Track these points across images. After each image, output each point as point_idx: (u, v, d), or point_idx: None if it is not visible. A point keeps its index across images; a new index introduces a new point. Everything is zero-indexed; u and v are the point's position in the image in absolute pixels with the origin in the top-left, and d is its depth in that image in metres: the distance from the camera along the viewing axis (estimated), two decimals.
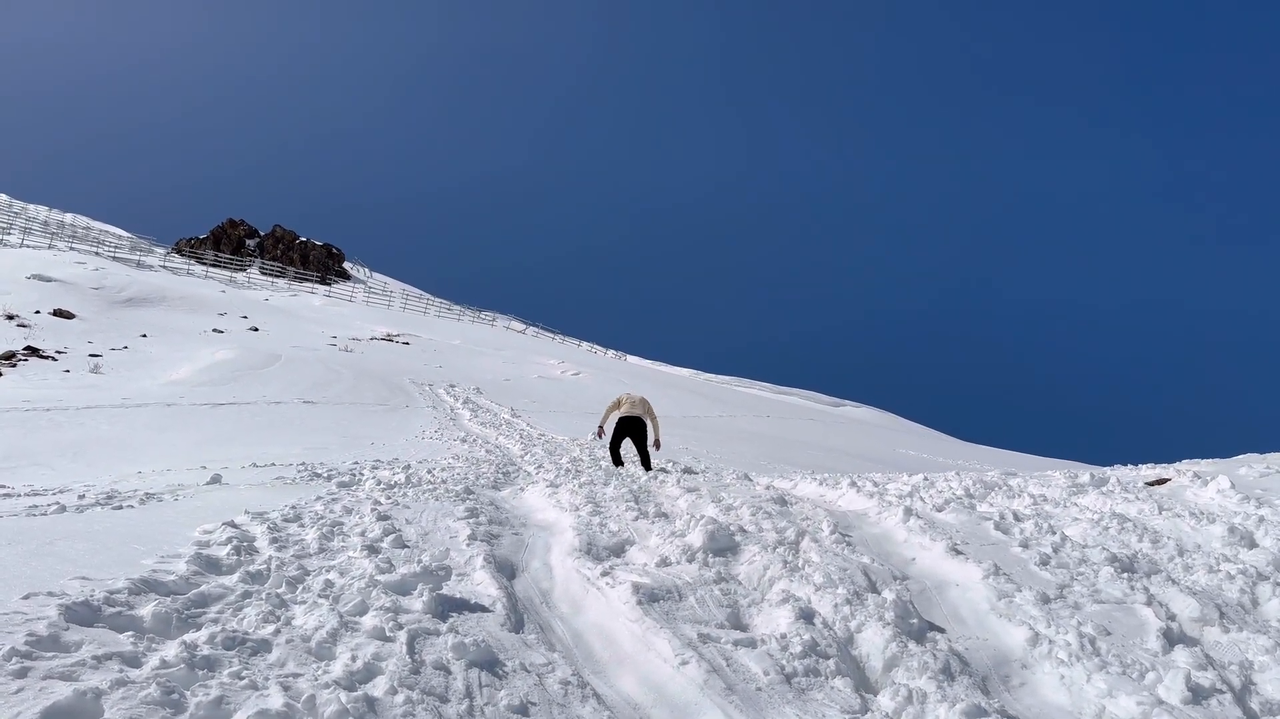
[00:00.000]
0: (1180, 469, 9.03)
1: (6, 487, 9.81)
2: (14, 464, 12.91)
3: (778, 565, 5.83)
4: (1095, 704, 4.30)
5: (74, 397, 20.93)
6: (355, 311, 54.06)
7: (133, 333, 33.12)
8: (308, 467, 11.62)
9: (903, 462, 23.65)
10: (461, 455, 14.62)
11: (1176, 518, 7.10)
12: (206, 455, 13.85)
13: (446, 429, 19.86)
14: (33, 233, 58.24)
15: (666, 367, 55.56)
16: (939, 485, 8.84)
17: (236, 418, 19.59)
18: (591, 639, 4.92)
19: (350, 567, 5.26)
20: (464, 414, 23.35)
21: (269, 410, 21.25)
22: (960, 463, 24.15)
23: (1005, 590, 5.47)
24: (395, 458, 13.57)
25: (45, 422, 17.18)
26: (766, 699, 4.15)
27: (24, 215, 68.52)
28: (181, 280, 52.52)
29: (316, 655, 3.72)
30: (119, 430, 16.79)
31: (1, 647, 3.09)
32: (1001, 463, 24.61)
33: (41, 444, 14.89)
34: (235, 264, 69.57)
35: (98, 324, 33.66)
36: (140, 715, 2.82)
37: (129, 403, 20.44)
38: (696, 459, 16.45)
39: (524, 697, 3.79)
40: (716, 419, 28.64)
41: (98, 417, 18.24)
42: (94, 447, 15.00)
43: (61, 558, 4.61)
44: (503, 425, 21.22)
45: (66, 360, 26.75)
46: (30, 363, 25.83)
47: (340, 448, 15.38)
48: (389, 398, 25.36)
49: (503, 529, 7.00)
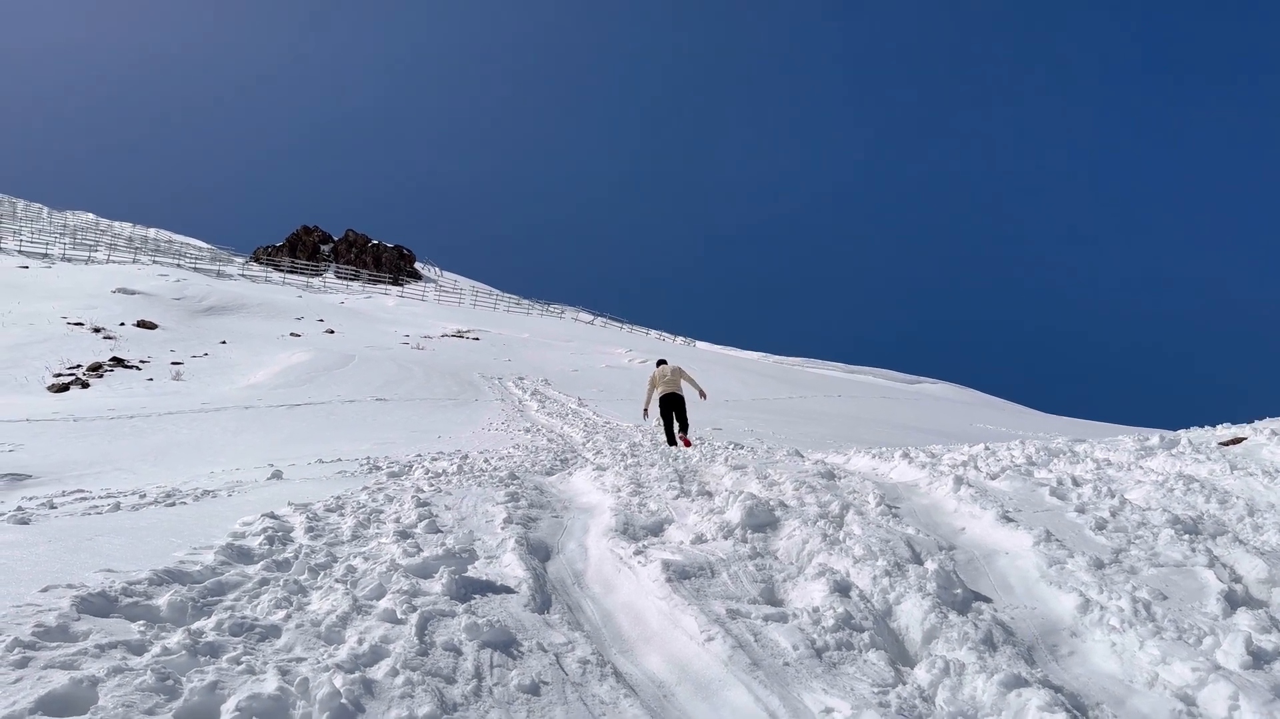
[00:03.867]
0: (1258, 427, 8.55)
1: (85, 491, 10.10)
2: (98, 470, 13.33)
3: (817, 539, 5.66)
4: (1148, 672, 4.06)
5: (156, 403, 21.62)
6: (427, 310, 54.89)
7: (213, 340, 34.11)
8: (370, 460, 11.77)
9: (978, 435, 23.05)
10: (523, 444, 14.67)
11: (1249, 476, 6.71)
12: (278, 454, 14.14)
13: (513, 420, 19.99)
14: (118, 249, 60.45)
15: (736, 350, 55.18)
16: (999, 454, 8.53)
17: (311, 417, 20.00)
18: (620, 618, 4.83)
19: (378, 552, 5.26)
20: (531, 405, 23.49)
21: (342, 409, 21.65)
22: (1037, 434, 23.45)
23: (1056, 557, 5.22)
24: (457, 449, 13.68)
25: (129, 428, 17.76)
26: (794, 674, 4.01)
27: (110, 233, 71.18)
28: (259, 288, 53.96)
29: (325, 639, 3.70)
30: (198, 434, 17.26)
31: (6, 638, 3.12)
32: (1080, 433, 23.81)
33: (125, 450, 15.37)
34: (311, 269, 71.18)
35: (179, 333, 34.75)
36: (133, 702, 2.82)
37: (208, 407, 21.02)
38: (760, 440, 16.24)
39: (536, 676, 3.71)
40: (785, 400, 28.31)
41: (178, 422, 18.79)
42: (174, 450, 15.44)
43: (96, 553, 4.69)
44: (569, 415, 21.29)
45: (150, 369, 27.67)
46: (116, 373, 26.76)
47: (407, 442, 15.58)
48: (459, 393, 25.65)
49: (542, 513, 6.95)
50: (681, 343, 57.29)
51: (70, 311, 34.81)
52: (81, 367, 26.79)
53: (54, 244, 57.55)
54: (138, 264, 53.77)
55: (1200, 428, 9.86)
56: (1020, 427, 27.32)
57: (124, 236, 70.44)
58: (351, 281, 69.52)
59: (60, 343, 29.90)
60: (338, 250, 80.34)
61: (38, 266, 48.05)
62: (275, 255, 76.69)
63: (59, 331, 31.60)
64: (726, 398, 27.05)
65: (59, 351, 28.57)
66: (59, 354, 28.20)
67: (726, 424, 19.47)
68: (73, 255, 54.89)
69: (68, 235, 62.40)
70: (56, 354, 28.20)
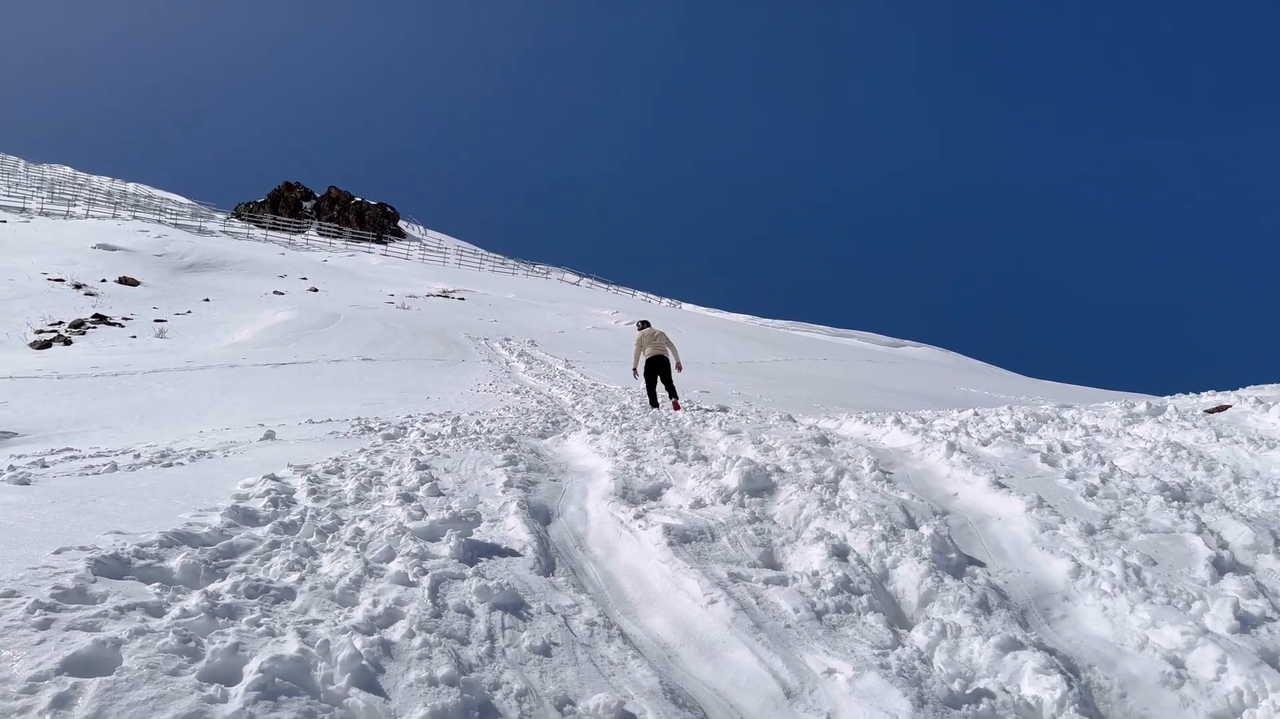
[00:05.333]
0: (1243, 395, 8.69)
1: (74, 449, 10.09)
2: (85, 428, 13.28)
3: (814, 504, 5.75)
4: (1138, 635, 4.17)
5: (140, 361, 21.51)
6: (411, 269, 54.58)
7: (196, 297, 33.86)
8: (361, 421, 11.79)
9: (962, 399, 23.25)
10: (513, 406, 14.72)
11: (1234, 444, 6.84)
12: (266, 414, 14.12)
13: (501, 382, 20.01)
14: (97, 204, 59.65)
15: (721, 313, 55.25)
16: (988, 420, 8.64)
17: (297, 377, 19.94)
18: (623, 581, 4.92)
19: (383, 515, 5.32)
20: (519, 366, 23.50)
21: (328, 369, 21.60)
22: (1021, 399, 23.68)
23: (1048, 522, 5.33)
24: (447, 410, 13.70)
25: (114, 386, 17.68)
26: (795, 636, 4.10)
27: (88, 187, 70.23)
28: (241, 244, 53.46)
29: (339, 602, 3.76)
30: (184, 392, 17.20)
31: (26, 600, 3.16)
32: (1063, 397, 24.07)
33: (110, 408, 15.30)
34: (293, 226, 70.55)
35: (162, 290, 34.46)
36: (157, 663, 2.87)
37: (193, 365, 20.93)
38: (748, 403, 16.35)
39: (547, 638, 3.79)
40: (772, 363, 28.43)
41: (163, 380, 18.71)
42: (160, 409, 15.38)
43: (102, 514, 4.72)
44: (556, 376, 21.32)
45: (133, 326, 27.47)
46: (99, 330, 26.57)
47: (396, 402, 15.58)
48: (445, 353, 25.61)
49: (541, 476, 7.02)
50: (667, 304, 57.29)
51: (50, 267, 34.43)
52: (64, 323, 26.57)
53: (31, 198, 56.74)
54: (118, 219, 53.12)
55: (1185, 395, 10.01)
56: (1003, 390, 27.55)
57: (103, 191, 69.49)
58: (334, 239, 68.96)
59: (41, 299, 29.62)
60: (320, 207, 79.57)
61: (15, 221, 47.40)
62: (257, 212, 75.89)
63: (39, 287, 31.28)
64: (713, 360, 27.16)
65: (40, 308, 28.32)
66: (40, 310, 27.95)
67: (714, 387, 19.58)
68: (51, 210, 54.17)
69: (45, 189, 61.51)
70: (38, 310, 27.94)
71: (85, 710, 2.64)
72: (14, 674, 2.78)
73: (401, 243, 72.26)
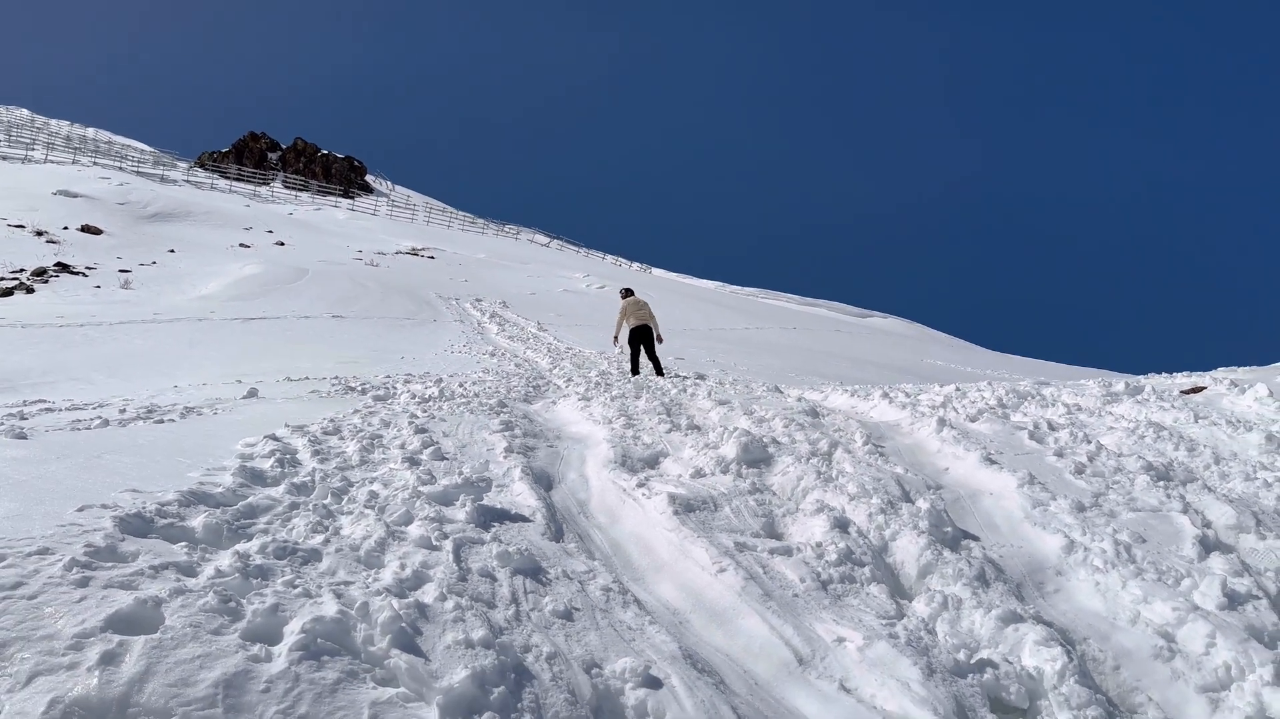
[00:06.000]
0: (1217, 377, 8.93)
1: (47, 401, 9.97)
2: (52, 379, 13.10)
3: (811, 476, 5.87)
4: (1130, 610, 4.34)
5: (106, 312, 21.17)
6: (379, 225, 53.97)
7: (160, 248, 33.27)
8: (341, 380, 11.75)
9: (931, 372, 23.59)
10: (491, 369, 14.73)
11: (1213, 426, 7.06)
12: (240, 369, 14.01)
13: (474, 343, 19.97)
14: (56, 148, 58.19)
15: (691, 279, 55.31)
16: (971, 396, 8.81)
17: (267, 332, 19.77)
18: (629, 548, 5.01)
19: (392, 478, 5.36)
20: (491, 328, 23.44)
21: (299, 325, 21.43)
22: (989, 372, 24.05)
23: (1040, 499, 5.49)
24: (426, 371, 13.69)
25: (79, 337, 17.41)
26: (804, 605, 4.22)
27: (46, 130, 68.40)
28: (206, 195, 52.53)
29: (366, 564, 3.81)
30: (152, 345, 16.99)
31: (62, 557, 3.18)
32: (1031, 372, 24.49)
33: (77, 359, 15.08)
34: (258, 178, 69.34)
35: (125, 239, 33.82)
36: (200, 622, 2.91)
37: (160, 318, 20.66)
38: (725, 371, 16.48)
39: (568, 603, 3.88)
40: (743, 331, 28.59)
41: (130, 331, 18.46)
42: (128, 361, 15.19)
43: (110, 471, 4.71)
44: (530, 339, 21.31)
45: (96, 276, 26.96)
46: (61, 279, 26.06)
47: (371, 362, 15.52)
48: (416, 312, 25.47)
49: (538, 442, 7.08)
50: (638, 269, 57.21)
51: (10, 213, 33.63)
52: (25, 271, 26.03)
53: None
54: (78, 165, 51.86)
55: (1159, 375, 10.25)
56: (969, 363, 27.96)
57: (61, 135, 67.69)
58: (300, 192, 67.87)
59: (1, 246, 28.97)
60: (286, 159, 78.24)
61: None
62: (221, 162, 74.43)
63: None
64: (685, 327, 27.24)
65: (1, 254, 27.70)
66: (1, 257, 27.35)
67: (688, 354, 19.69)
68: (8, 154, 52.78)
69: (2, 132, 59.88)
70: None
71: (133, 668, 2.67)
72: (59, 631, 2.81)
73: (369, 198, 71.36)
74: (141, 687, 2.61)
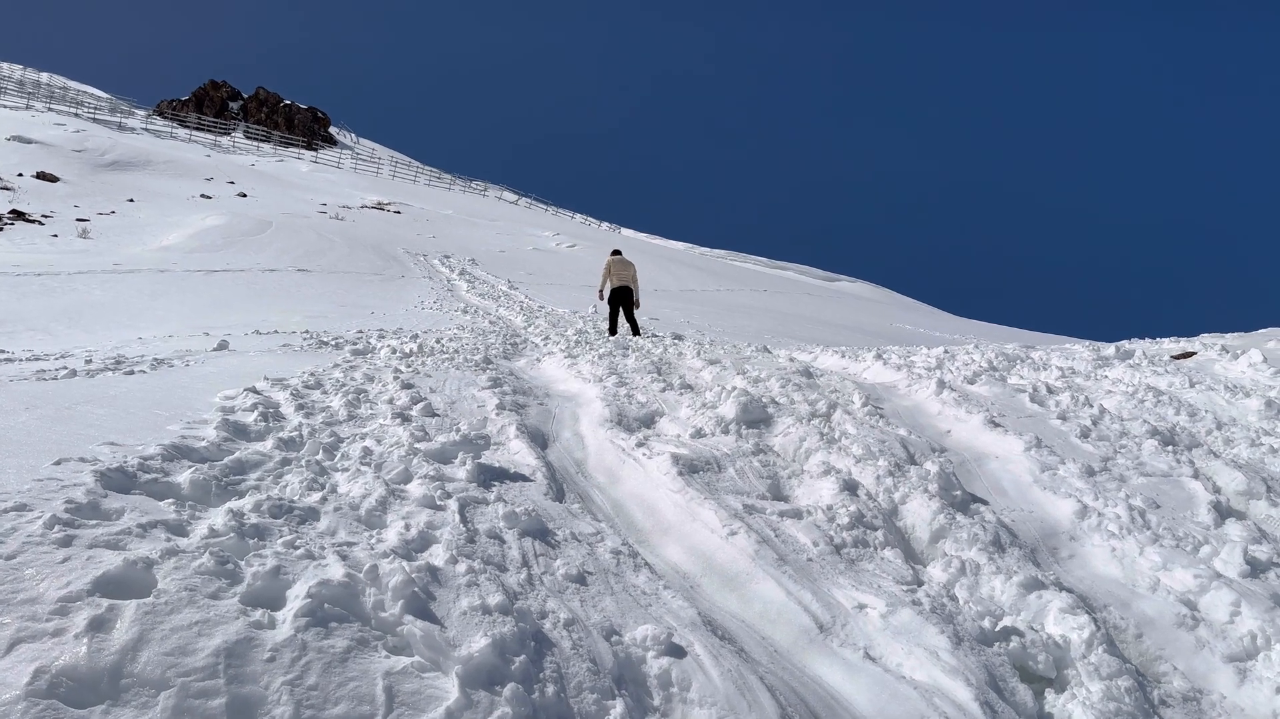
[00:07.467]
0: (1205, 342, 8.90)
1: (6, 351, 9.59)
2: (10, 329, 12.68)
3: (814, 437, 5.71)
4: (1149, 577, 4.24)
5: (64, 261, 20.53)
6: (344, 178, 52.94)
7: (119, 197, 32.36)
8: (312, 334, 11.45)
9: (900, 335, 23.60)
10: (466, 326, 14.44)
11: (1210, 391, 7.00)
12: (206, 322, 13.64)
13: (445, 300, 19.62)
14: (8, 92, 56.34)
15: (661, 239, 54.96)
16: (961, 358, 8.70)
17: (231, 285, 19.32)
18: (632, 509, 4.83)
19: (384, 434, 5.11)
20: (461, 285, 23.07)
21: (264, 278, 20.95)
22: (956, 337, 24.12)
23: (1048, 463, 5.38)
24: (399, 328, 13.38)
25: (37, 287, 16.88)
26: (819, 570, 4.07)
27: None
28: (165, 144, 51.19)
29: (367, 524, 3.59)
30: (112, 296, 16.54)
31: (42, 514, 2.92)
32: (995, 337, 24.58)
33: (35, 309, 14.64)
34: (219, 128, 67.62)
35: (83, 188, 32.84)
36: (195, 586, 2.68)
37: (121, 268, 20.09)
38: (701, 332, 16.32)
39: (580, 567, 3.69)
40: (714, 293, 28.43)
41: (90, 282, 17.95)
42: (89, 312, 14.77)
43: (85, 423, 4.43)
44: (501, 297, 20.99)
45: (53, 225, 26.15)
46: (16, 227, 25.25)
47: (340, 317, 15.18)
48: (384, 268, 25.01)
49: (528, 399, 6.85)
50: (607, 228, 56.72)
51: None
52: None
53: None
54: (31, 111, 50.25)
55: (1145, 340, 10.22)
56: (938, 328, 28.05)
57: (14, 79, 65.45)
58: (262, 143, 66.31)
59: None
60: (247, 109, 76.34)
61: None
62: (180, 110, 72.46)
63: None
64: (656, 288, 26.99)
65: None
66: None
67: (662, 315, 19.50)
68: None
69: None
70: None
71: (125, 635, 2.45)
72: (42, 594, 2.57)
73: (333, 150, 69.91)
74: (135, 655, 2.39)
